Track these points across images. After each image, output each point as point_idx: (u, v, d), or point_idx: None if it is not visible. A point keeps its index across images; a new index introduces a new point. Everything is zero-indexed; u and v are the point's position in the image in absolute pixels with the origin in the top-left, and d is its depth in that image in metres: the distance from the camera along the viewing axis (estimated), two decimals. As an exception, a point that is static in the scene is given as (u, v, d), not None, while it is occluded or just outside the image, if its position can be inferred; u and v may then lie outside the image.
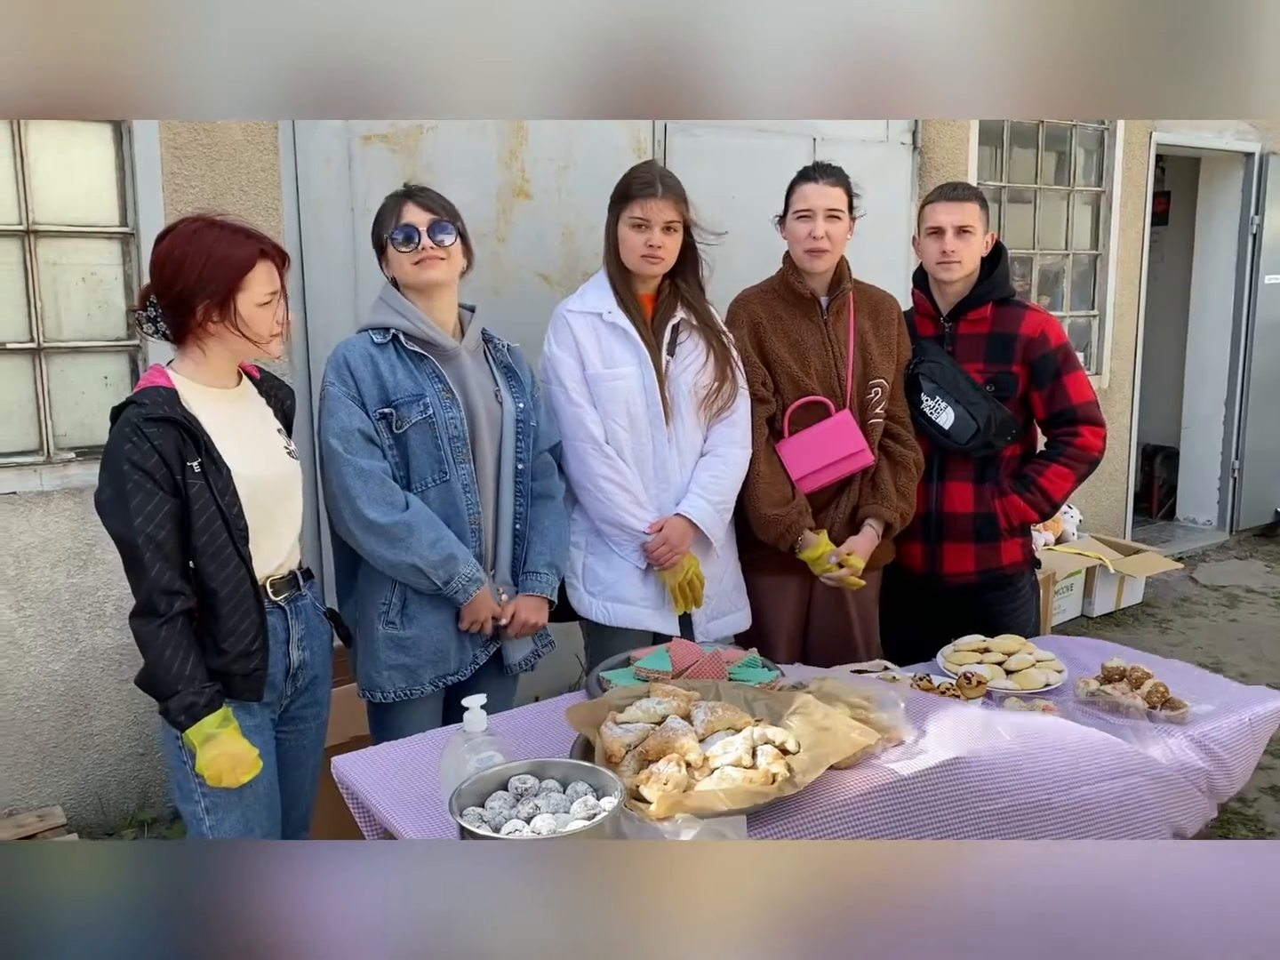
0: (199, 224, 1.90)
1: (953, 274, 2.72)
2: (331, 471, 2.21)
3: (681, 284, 2.56)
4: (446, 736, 1.87)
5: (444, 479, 2.25)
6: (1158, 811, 2.00)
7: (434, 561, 2.19)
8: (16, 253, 2.93)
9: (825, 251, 2.61)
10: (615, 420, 2.49)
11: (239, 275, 1.87)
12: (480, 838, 1.48)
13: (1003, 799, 1.85)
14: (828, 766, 1.72)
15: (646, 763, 1.72)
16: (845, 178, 2.66)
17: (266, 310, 1.92)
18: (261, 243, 1.92)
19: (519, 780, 1.62)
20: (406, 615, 2.27)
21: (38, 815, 2.96)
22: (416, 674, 2.29)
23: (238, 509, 1.90)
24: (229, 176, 3.11)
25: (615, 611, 2.54)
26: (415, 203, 2.24)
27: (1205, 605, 5.31)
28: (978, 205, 2.73)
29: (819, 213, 2.59)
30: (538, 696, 3.66)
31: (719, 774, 1.67)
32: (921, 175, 4.55)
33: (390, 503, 2.18)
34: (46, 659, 3.03)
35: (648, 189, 2.43)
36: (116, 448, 1.84)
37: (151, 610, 1.83)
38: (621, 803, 1.55)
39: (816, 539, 2.65)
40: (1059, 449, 2.75)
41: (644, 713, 1.81)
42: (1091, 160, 5.50)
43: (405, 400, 2.22)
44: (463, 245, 2.31)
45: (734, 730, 1.78)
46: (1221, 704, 2.28)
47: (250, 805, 1.95)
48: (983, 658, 2.48)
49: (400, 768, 1.94)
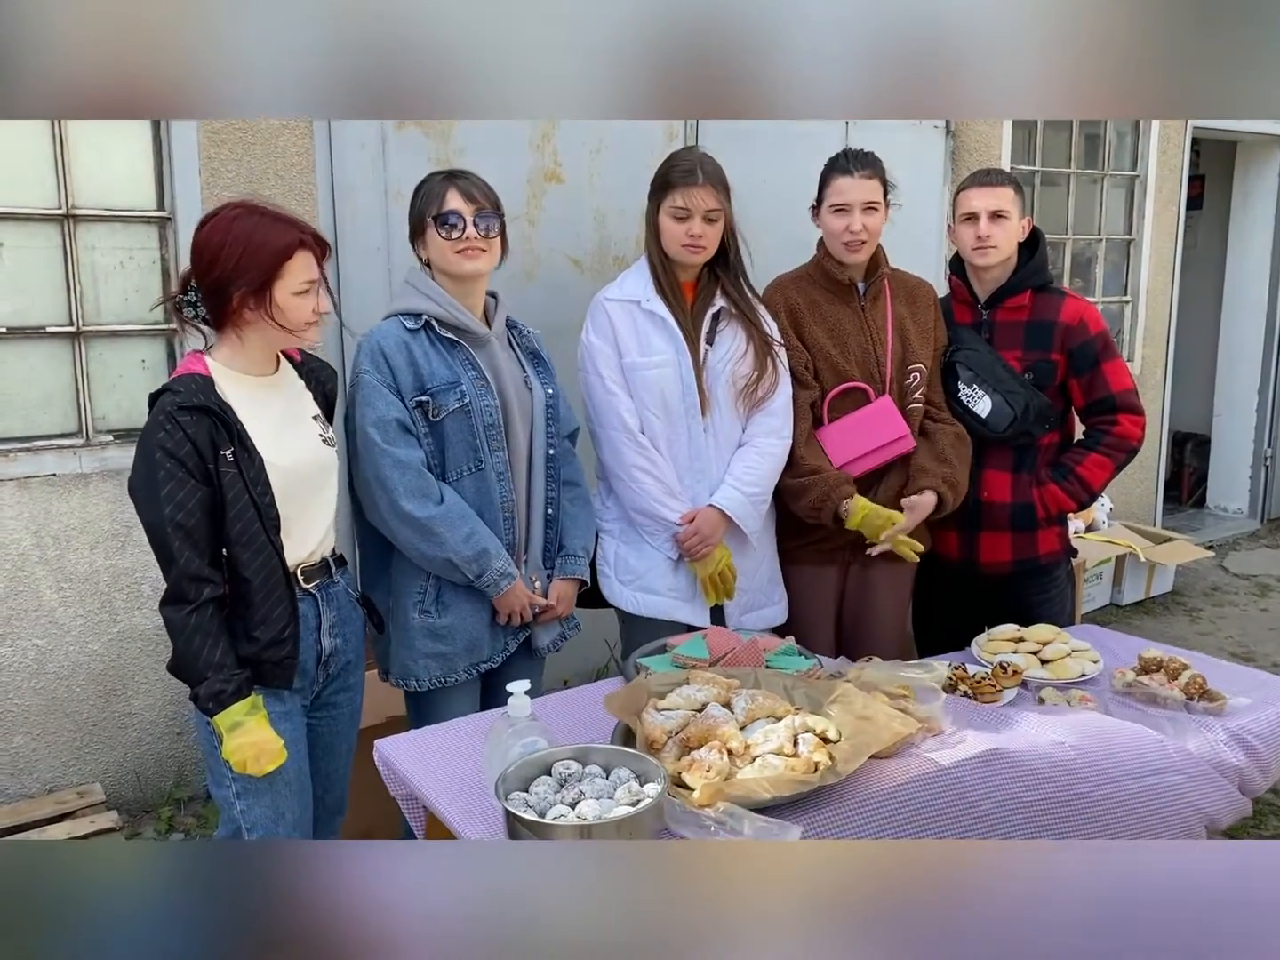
0: (240, 210, 1.89)
1: (989, 259, 2.70)
2: (367, 461, 2.20)
3: (721, 272, 2.53)
4: (488, 721, 1.88)
5: (479, 467, 2.25)
6: (1193, 806, 1.99)
7: (467, 556, 2.20)
8: (56, 237, 2.96)
9: (863, 245, 2.59)
10: (650, 409, 2.47)
11: (277, 264, 1.87)
12: (526, 822, 1.49)
13: (1042, 790, 1.85)
14: (870, 755, 1.72)
15: (688, 749, 1.73)
16: (880, 166, 2.62)
17: (304, 299, 1.91)
18: (302, 231, 1.91)
19: (562, 765, 1.64)
20: (441, 604, 2.28)
21: (77, 792, 3.00)
22: (452, 662, 2.30)
23: (270, 498, 1.91)
24: (264, 162, 3.12)
25: (645, 602, 2.53)
26: (459, 189, 2.22)
27: (1236, 594, 5.27)
28: (1012, 190, 2.70)
29: (856, 207, 2.55)
30: (566, 681, 3.69)
31: (761, 761, 1.68)
32: (954, 159, 4.52)
33: (426, 495, 2.18)
34: (85, 639, 3.07)
35: (689, 177, 2.41)
36: (150, 435, 1.85)
37: (180, 597, 1.84)
38: (665, 789, 1.56)
39: (857, 503, 2.55)
40: (1098, 438, 2.73)
41: (684, 700, 1.82)
42: (1125, 143, 5.43)
43: (441, 388, 2.21)
44: (501, 236, 2.30)
45: (774, 718, 1.79)
46: (1260, 697, 2.27)
47: (280, 792, 1.96)
48: (1017, 647, 2.48)
49: (442, 751, 1.95)
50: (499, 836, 1.61)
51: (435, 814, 1.78)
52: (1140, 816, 1.93)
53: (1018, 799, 1.82)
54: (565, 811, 1.53)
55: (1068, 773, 1.86)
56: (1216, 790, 2.02)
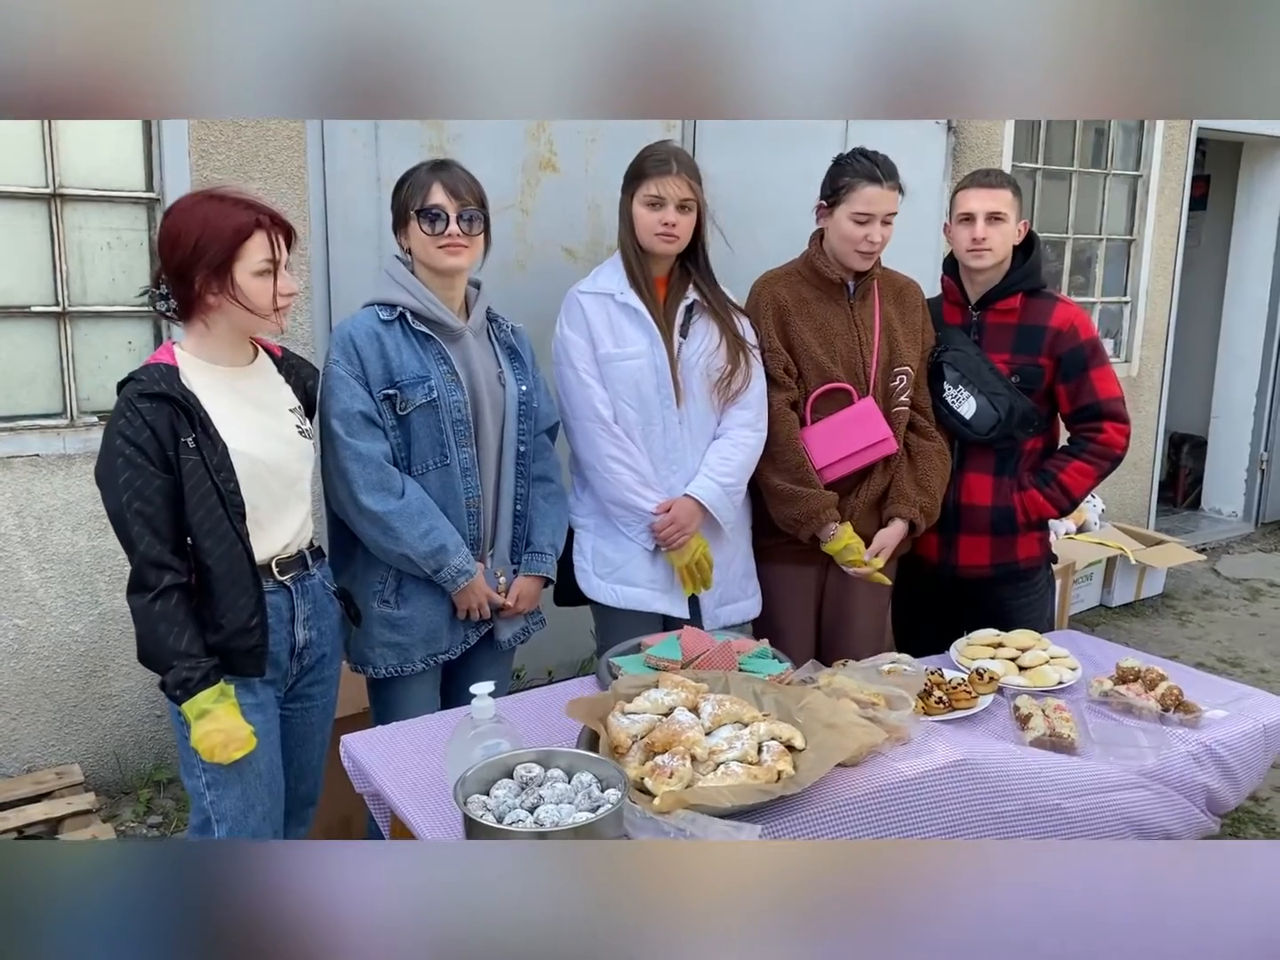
0: (200, 196, 1.90)
1: (983, 261, 2.68)
2: (329, 452, 2.21)
3: (692, 267, 2.53)
4: (457, 719, 1.87)
5: (444, 462, 2.25)
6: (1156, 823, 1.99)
7: (424, 553, 2.20)
8: (43, 216, 2.94)
9: (876, 252, 2.59)
10: (625, 400, 2.47)
11: (235, 244, 1.86)
12: (483, 827, 1.49)
13: (1008, 802, 1.85)
14: (834, 765, 1.72)
15: (653, 754, 1.72)
16: (898, 176, 2.58)
17: (265, 281, 1.90)
18: (260, 212, 1.90)
19: (524, 769, 1.63)
20: (401, 595, 2.29)
21: (56, 773, 3.01)
22: (408, 652, 2.31)
23: (234, 485, 1.90)
24: (255, 144, 3.10)
25: (623, 594, 2.54)
26: (444, 184, 2.21)
27: (1226, 598, 5.26)
28: (1010, 192, 2.67)
29: (878, 218, 2.54)
30: (550, 672, 3.68)
31: (723, 769, 1.67)
32: (956, 156, 4.48)
33: (387, 489, 2.18)
34: (67, 620, 3.07)
35: (662, 166, 2.41)
36: (112, 423, 1.86)
37: (142, 584, 1.84)
38: (625, 796, 1.56)
39: (841, 531, 2.60)
40: (1082, 444, 2.71)
41: (652, 704, 1.81)
42: (1130, 142, 5.39)
43: (410, 381, 2.20)
44: (485, 231, 2.29)
45: (741, 723, 1.78)
46: (1237, 710, 2.26)
47: (250, 783, 1.96)
48: (996, 653, 2.47)
49: (408, 749, 1.95)
50: (459, 839, 1.61)
51: (397, 814, 1.78)
52: (1104, 831, 1.92)
53: (982, 810, 1.81)
54: (524, 816, 1.52)
55: (1033, 785, 1.86)
56: (1178, 810, 2.01)
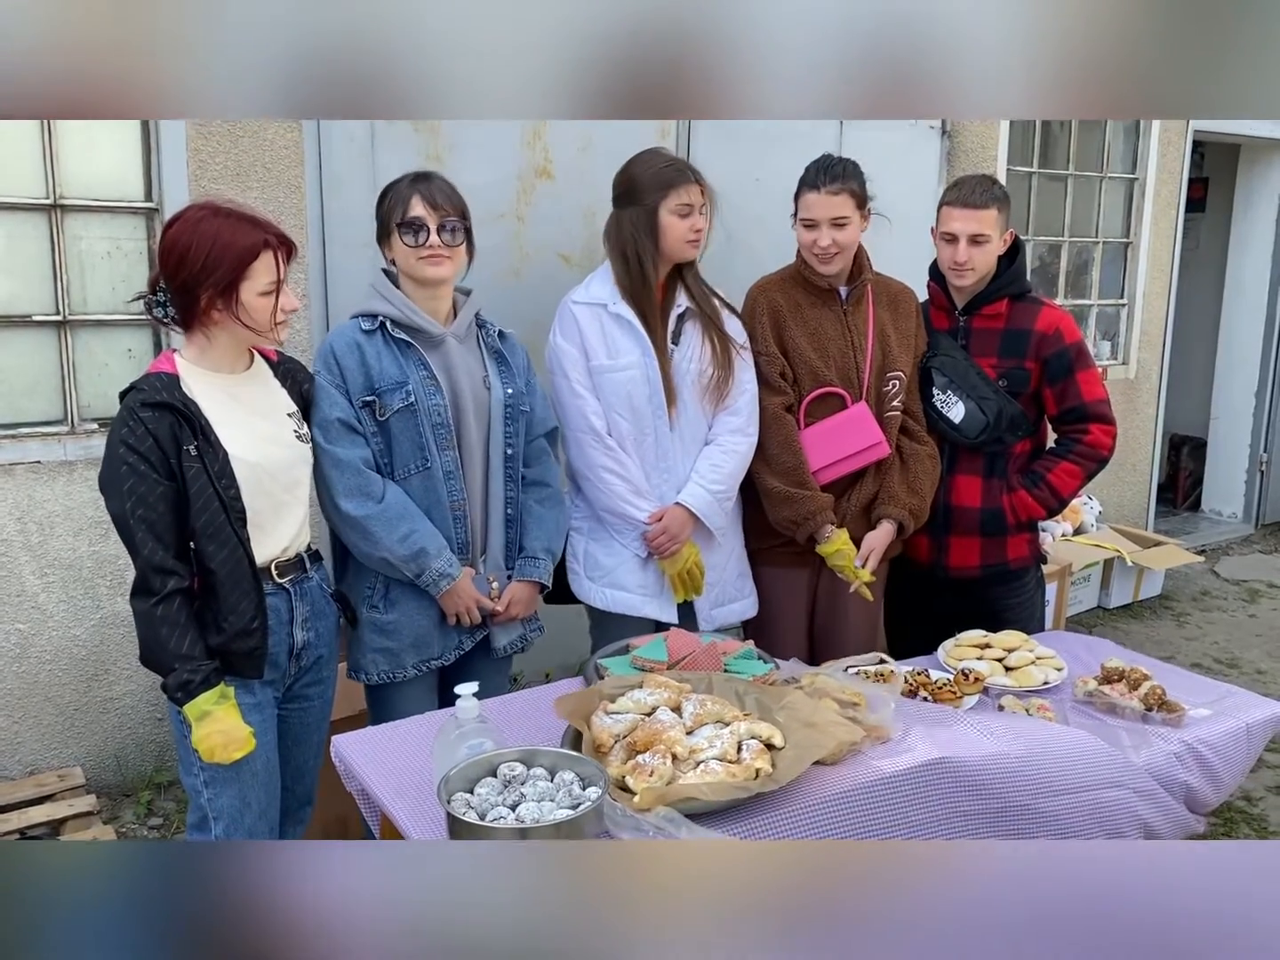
0: (205, 211, 1.92)
1: (964, 280, 2.69)
2: (316, 459, 2.24)
3: (683, 272, 2.56)
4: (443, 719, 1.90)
5: (426, 466, 2.27)
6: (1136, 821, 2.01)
7: (403, 556, 2.22)
8: (43, 226, 2.99)
9: (834, 257, 2.59)
10: (617, 411, 2.51)
11: (244, 264, 1.91)
12: (465, 824, 1.52)
13: (986, 801, 1.87)
14: (812, 762, 1.74)
15: (635, 753, 1.75)
16: (852, 177, 2.57)
17: (270, 299, 1.95)
18: (267, 232, 1.94)
19: (507, 767, 1.66)
20: (389, 600, 2.32)
21: (58, 775, 3.05)
22: (399, 657, 2.33)
23: (235, 491, 1.94)
24: (253, 153, 3.14)
25: (614, 598, 2.57)
26: (423, 196, 2.24)
27: (1225, 599, 5.27)
28: (995, 211, 2.64)
29: (823, 223, 2.56)
30: (548, 674, 3.71)
31: (703, 768, 1.70)
32: (950, 160, 4.50)
33: (366, 494, 2.21)
34: (68, 624, 3.11)
35: (684, 175, 2.47)
36: (115, 431, 1.90)
37: (146, 589, 1.88)
38: (605, 793, 1.59)
39: (836, 534, 2.63)
40: (1068, 446, 2.74)
41: (635, 704, 1.84)
42: (1127, 144, 5.41)
43: (388, 388, 2.24)
44: (467, 241, 2.32)
45: (722, 723, 1.81)
46: (1220, 709, 2.28)
47: (248, 782, 2.01)
48: (983, 654, 2.49)
49: (396, 749, 1.98)
50: (444, 837, 1.64)
51: (385, 814, 1.81)
52: (1082, 830, 1.95)
53: (959, 808, 1.84)
54: (505, 814, 1.55)
55: (1011, 784, 1.88)
56: (1161, 807, 2.03)
